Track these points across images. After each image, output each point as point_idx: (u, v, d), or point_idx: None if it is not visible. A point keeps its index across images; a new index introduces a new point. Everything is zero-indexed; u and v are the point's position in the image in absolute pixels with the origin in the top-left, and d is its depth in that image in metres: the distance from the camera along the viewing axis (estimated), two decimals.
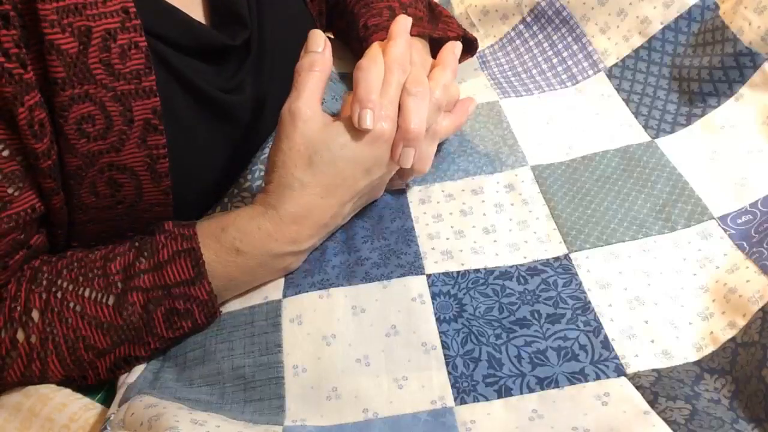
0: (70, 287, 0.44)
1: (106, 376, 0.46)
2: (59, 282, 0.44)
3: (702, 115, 0.57)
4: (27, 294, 0.44)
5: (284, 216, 0.46)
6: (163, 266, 0.45)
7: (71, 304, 0.44)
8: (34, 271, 0.45)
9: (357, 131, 0.47)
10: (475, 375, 0.43)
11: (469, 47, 0.66)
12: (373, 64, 0.48)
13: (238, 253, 0.46)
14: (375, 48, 0.50)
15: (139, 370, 0.45)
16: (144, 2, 0.44)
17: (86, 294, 0.44)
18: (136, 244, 0.46)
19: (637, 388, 0.41)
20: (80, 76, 0.41)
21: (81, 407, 0.43)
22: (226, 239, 0.46)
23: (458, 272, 0.49)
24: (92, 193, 0.46)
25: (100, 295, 0.44)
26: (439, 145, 0.60)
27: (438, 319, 0.46)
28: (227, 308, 0.48)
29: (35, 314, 0.44)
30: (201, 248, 0.45)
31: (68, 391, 0.45)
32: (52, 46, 0.40)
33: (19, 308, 0.44)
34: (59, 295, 0.44)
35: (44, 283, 0.45)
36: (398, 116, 0.48)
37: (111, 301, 0.44)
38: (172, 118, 0.47)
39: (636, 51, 0.63)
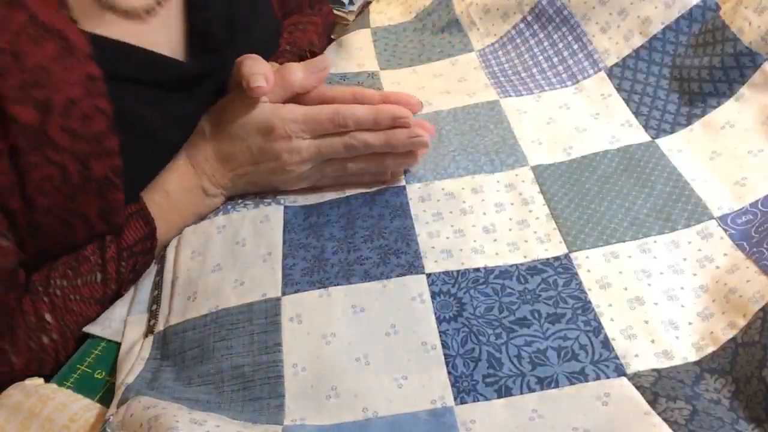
0: (65, 283, 0.49)
1: None
2: (53, 282, 0.48)
3: (702, 115, 0.57)
4: (33, 304, 0.48)
5: (192, 156, 0.54)
6: (121, 231, 0.51)
7: (71, 296, 0.49)
8: (25, 284, 0.48)
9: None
10: (475, 374, 0.43)
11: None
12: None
13: (168, 195, 0.53)
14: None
15: (137, 370, 0.45)
16: (107, 47, 0.47)
17: (79, 283, 0.49)
18: None
19: (638, 388, 0.41)
20: (40, 143, 0.44)
21: (81, 408, 0.43)
22: (156, 185, 0.53)
23: (458, 271, 0.49)
24: (41, 234, 0.47)
25: (90, 277, 0.49)
26: (440, 144, 0.60)
27: (438, 319, 0.46)
28: (225, 304, 0.48)
29: (48, 317, 0.48)
30: (146, 204, 0.52)
31: (69, 391, 0.45)
32: (12, 119, 0.42)
33: (33, 318, 0.47)
34: (59, 293, 0.48)
35: (40, 289, 0.48)
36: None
37: (99, 279, 0.50)
38: (131, 149, 0.49)
39: (636, 51, 0.63)
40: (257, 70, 0.52)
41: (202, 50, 0.56)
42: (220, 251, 0.52)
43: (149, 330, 0.49)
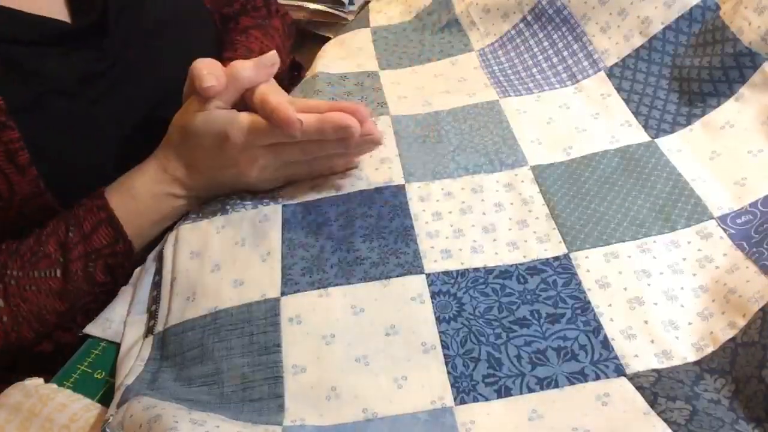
0: (20, 273, 0.51)
1: (83, 321, 0.52)
2: (9, 272, 0.51)
3: (702, 115, 0.57)
4: None
5: (163, 163, 0.55)
6: (90, 236, 0.52)
7: (27, 286, 0.51)
8: None
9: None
10: (475, 375, 0.43)
11: None
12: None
13: (134, 198, 0.54)
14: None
15: (137, 371, 0.45)
16: None
17: (36, 275, 0.51)
18: (62, 222, 0.53)
19: (637, 388, 0.41)
20: None
21: (81, 408, 0.43)
22: (122, 188, 0.54)
23: (458, 271, 0.49)
24: None
25: (48, 272, 0.51)
26: (440, 144, 0.60)
27: (437, 319, 0.46)
28: (224, 305, 0.48)
29: (0, 302, 0.50)
30: (113, 208, 0.53)
31: (69, 392, 0.45)
32: None
33: None
34: (14, 282, 0.51)
35: None
36: None
37: (58, 274, 0.51)
38: (22, 110, 0.50)
39: (636, 51, 0.63)
40: (207, 70, 0.51)
41: (82, 11, 0.56)
42: (219, 251, 0.52)
43: (149, 331, 0.49)
